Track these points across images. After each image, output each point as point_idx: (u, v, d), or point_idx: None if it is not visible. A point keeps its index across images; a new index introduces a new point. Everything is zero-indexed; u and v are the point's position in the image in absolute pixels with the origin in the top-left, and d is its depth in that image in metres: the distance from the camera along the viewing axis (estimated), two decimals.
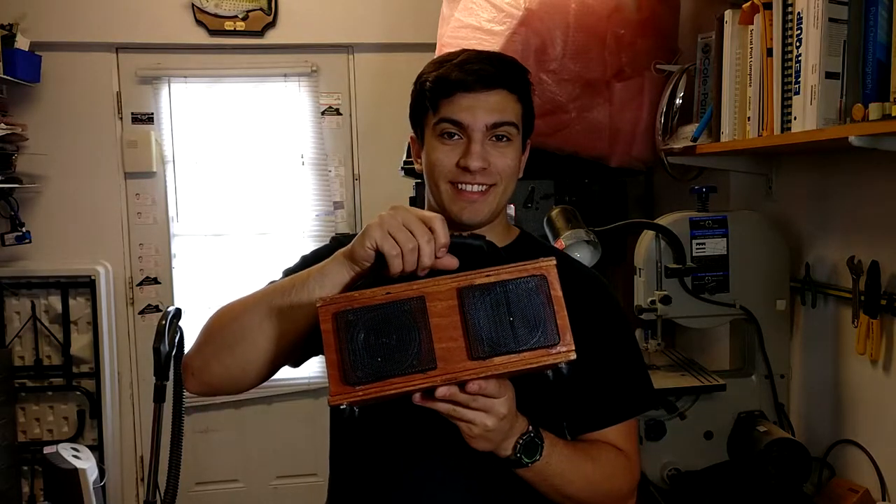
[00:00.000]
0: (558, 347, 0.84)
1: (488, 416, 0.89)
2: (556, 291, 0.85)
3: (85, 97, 3.17)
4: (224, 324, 1.03)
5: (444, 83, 1.08)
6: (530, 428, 0.97)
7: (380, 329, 0.83)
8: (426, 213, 0.94)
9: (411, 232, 0.91)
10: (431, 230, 0.91)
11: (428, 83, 1.10)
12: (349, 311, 0.83)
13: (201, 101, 3.30)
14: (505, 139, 1.09)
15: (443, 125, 1.08)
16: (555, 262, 0.87)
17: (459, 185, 1.09)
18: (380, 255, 0.91)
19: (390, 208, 0.94)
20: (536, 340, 0.84)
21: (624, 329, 1.20)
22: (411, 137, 1.19)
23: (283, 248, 3.33)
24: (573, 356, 0.84)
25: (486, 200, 1.10)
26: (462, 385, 0.85)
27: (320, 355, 0.93)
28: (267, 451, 3.40)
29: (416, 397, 0.86)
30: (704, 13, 2.18)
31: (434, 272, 0.91)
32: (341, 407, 0.83)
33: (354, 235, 0.97)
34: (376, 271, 0.94)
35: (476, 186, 1.09)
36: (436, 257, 0.91)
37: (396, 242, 0.90)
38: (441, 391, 0.85)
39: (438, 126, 1.09)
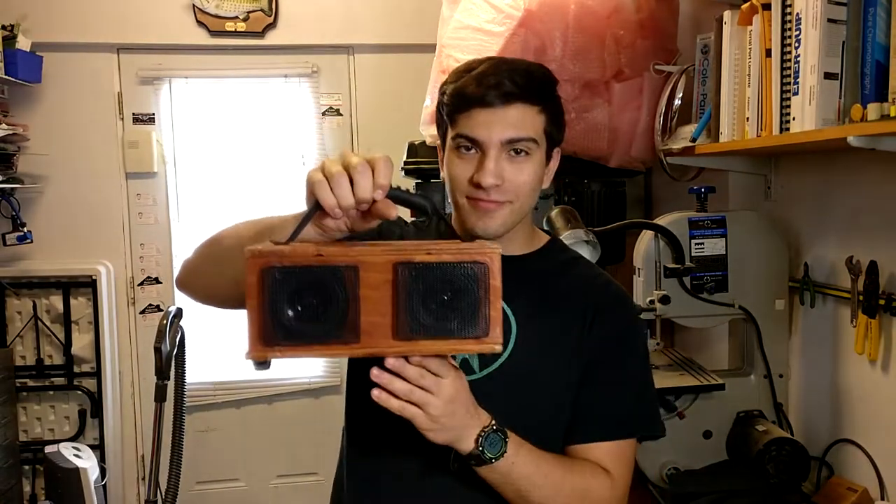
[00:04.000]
0: (486, 340, 0.81)
1: (434, 398, 0.88)
2: (496, 281, 0.81)
3: (86, 98, 3.17)
4: (212, 245, 1.06)
5: (461, 98, 1.05)
6: (493, 422, 0.96)
7: (306, 291, 0.79)
8: (374, 154, 0.85)
9: (347, 167, 0.83)
10: (373, 168, 0.83)
11: (446, 96, 1.08)
12: (277, 268, 0.78)
13: (202, 102, 3.30)
14: (523, 153, 1.06)
15: (459, 140, 1.06)
16: (500, 249, 0.82)
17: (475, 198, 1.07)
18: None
19: None
20: (466, 329, 0.80)
21: (637, 351, 1.17)
22: (437, 143, 1.16)
23: None
24: (499, 349, 0.82)
25: (500, 212, 1.07)
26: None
27: None
28: (267, 451, 3.41)
29: (374, 371, 0.85)
30: (703, 14, 2.18)
31: (368, 238, 0.88)
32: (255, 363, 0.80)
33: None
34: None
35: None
36: (374, 200, 0.84)
37: (326, 177, 0.84)
38: (391, 362, 0.84)
39: (455, 140, 1.07)
